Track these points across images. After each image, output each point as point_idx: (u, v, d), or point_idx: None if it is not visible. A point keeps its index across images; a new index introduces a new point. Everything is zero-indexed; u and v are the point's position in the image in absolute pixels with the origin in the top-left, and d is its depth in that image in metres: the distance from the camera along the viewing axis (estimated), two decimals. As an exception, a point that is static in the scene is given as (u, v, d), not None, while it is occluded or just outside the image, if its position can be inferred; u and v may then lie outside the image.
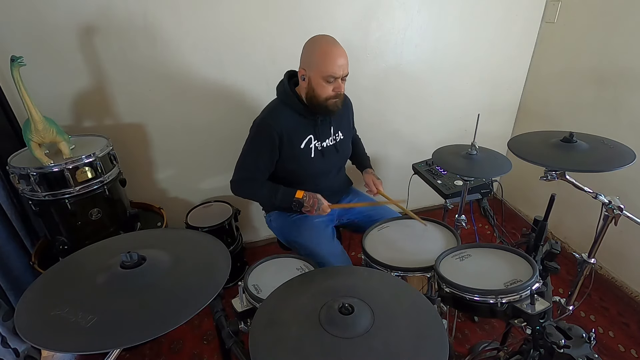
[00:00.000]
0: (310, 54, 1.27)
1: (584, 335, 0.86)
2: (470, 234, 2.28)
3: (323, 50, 1.25)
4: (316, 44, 1.27)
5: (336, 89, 1.29)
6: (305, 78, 1.30)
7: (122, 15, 1.58)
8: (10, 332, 1.32)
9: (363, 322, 0.73)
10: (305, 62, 1.29)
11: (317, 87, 1.29)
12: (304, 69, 1.29)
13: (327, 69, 1.24)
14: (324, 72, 1.25)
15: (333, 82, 1.28)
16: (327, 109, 1.33)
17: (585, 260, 1.28)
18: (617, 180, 1.89)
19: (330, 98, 1.31)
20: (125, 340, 0.67)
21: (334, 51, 1.25)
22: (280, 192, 1.37)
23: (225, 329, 0.89)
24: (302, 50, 1.31)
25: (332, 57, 1.24)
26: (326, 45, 1.26)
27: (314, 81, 1.28)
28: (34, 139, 1.33)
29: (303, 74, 1.30)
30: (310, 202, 1.35)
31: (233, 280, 2.00)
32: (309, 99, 1.33)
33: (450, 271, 1.04)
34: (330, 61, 1.24)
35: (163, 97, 1.78)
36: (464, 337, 1.73)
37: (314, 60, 1.25)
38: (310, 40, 1.30)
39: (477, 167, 1.39)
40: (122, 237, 1.06)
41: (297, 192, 1.36)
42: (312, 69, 1.27)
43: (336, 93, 1.30)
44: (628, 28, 1.80)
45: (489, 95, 2.41)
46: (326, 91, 1.29)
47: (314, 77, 1.27)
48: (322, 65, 1.24)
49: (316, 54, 1.25)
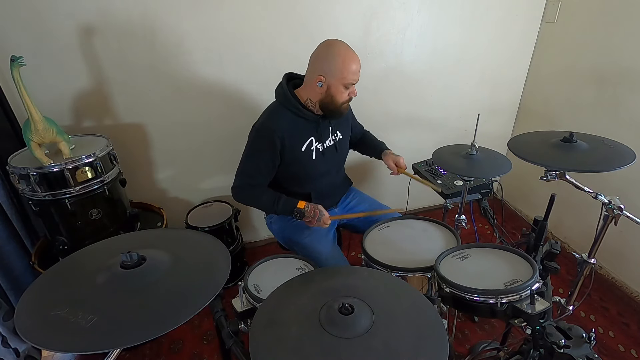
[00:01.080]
0: (329, 61, 1.25)
1: (584, 335, 0.86)
2: (470, 234, 2.28)
3: (344, 58, 1.25)
4: (335, 50, 1.26)
5: (351, 93, 1.32)
6: (323, 85, 1.28)
7: (122, 15, 1.58)
8: (10, 332, 1.32)
9: (363, 322, 0.72)
10: (323, 69, 1.27)
11: (336, 94, 1.29)
12: (322, 75, 1.27)
13: (349, 76, 1.26)
14: (346, 80, 1.26)
15: (350, 87, 1.30)
16: (340, 113, 1.36)
17: (585, 260, 1.28)
18: (617, 180, 1.89)
19: (345, 102, 1.33)
20: (125, 340, 0.67)
21: (354, 58, 1.26)
22: (282, 202, 1.36)
23: (225, 329, 0.89)
24: (317, 56, 1.29)
25: (353, 65, 1.25)
26: (346, 52, 1.26)
27: (334, 88, 1.28)
28: (34, 139, 1.33)
29: (321, 81, 1.28)
30: (312, 213, 1.35)
31: (233, 280, 2.00)
32: (325, 104, 1.32)
33: (450, 271, 1.04)
34: (352, 69, 1.25)
35: (163, 97, 1.78)
36: (464, 337, 1.73)
37: (335, 68, 1.25)
38: (325, 45, 1.28)
39: (477, 167, 1.39)
40: (122, 237, 1.06)
41: (299, 203, 1.35)
42: (333, 76, 1.26)
43: (350, 97, 1.33)
44: (628, 28, 1.80)
45: (489, 95, 2.41)
46: (343, 97, 1.31)
47: (334, 84, 1.27)
48: (345, 72, 1.25)
49: (338, 61, 1.24)
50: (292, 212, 1.35)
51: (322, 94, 1.31)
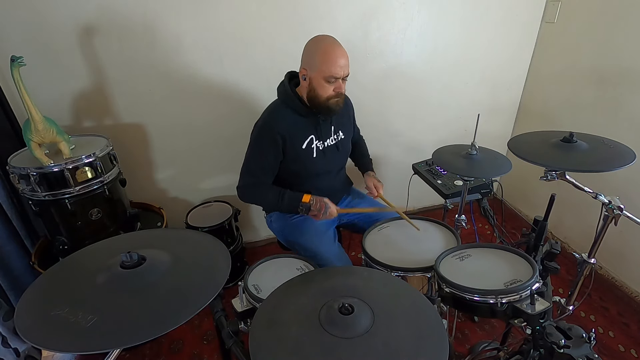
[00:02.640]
0: (311, 55, 1.27)
1: (584, 335, 0.86)
2: (470, 234, 2.28)
3: (324, 51, 1.25)
4: (318, 44, 1.27)
5: (337, 89, 1.29)
6: (307, 78, 1.30)
7: (122, 15, 1.58)
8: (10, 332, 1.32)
9: (363, 322, 0.73)
10: (306, 62, 1.29)
11: (318, 87, 1.29)
12: (305, 69, 1.29)
13: (328, 69, 1.24)
14: (325, 73, 1.25)
15: (334, 82, 1.28)
16: (329, 109, 1.33)
17: (585, 260, 1.28)
18: (617, 180, 1.89)
19: (331, 98, 1.31)
20: (125, 340, 0.67)
21: (335, 52, 1.25)
22: (287, 197, 1.36)
23: (225, 329, 0.89)
24: (303, 51, 1.31)
25: (333, 58, 1.24)
26: (327, 45, 1.26)
27: (315, 81, 1.28)
28: (34, 139, 1.33)
29: (304, 74, 1.30)
30: (317, 206, 1.34)
31: (233, 280, 2.00)
32: (310, 99, 1.33)
33: (450, 271, 1.04)
34: (332, 62, 1.24)
35: (163, 97, 1.78)
36: (464, 337, 1.73)
37: (315, 61, 1.25)
38: (311, 40, 1.30)
39: (477, 167, 1.39)
40: (122, 237, 1.06)
41: (304, 196, 1.35)
42: (313, 69, 1.27)
43: (337, 93, 1.30)
44: (628, 28, 1.80)
45: (489, 95, 2.41)
46: (327, 91, 1.29)
47: (315, 77, 1.27)
48: (323, 65, 1.24)
49: (318, 54, 1.25)
50: (298, 207, 1.35)
51: (307, 88, 1.31)
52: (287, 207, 1.36)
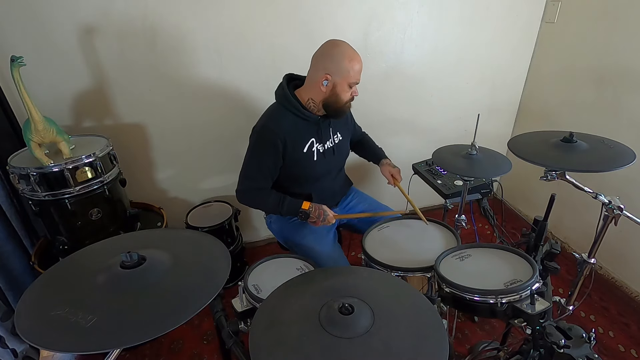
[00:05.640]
0: (338, 61, 1.26)
1: (584, 335, 0.86)
2: (470, 234, 2.28)
3: (351, 58, 1.26)
4: (343, 51, 1.27)
5: (353, 93, 1.33)
6: (329, 83, 1.28)
7: (122, 15, 1.58)
8: (8, 332, 1.32)
9: (363, 322, 0.72)
10: (330, 68, 1.27)
11: (341, 93, 1.30)
12: (329, 74, 1.27)
13: (354, 75, 1.28)
14: (352, 79, 1.28)
15: (353, 87, 1.32)
16: (343, 112, 1.37)
17: (585, 260, 1.28)
18: (617, 180, 1.89)
19: (348, 102, 1.34)
20: (125, 340, 0.67)
21: (357, 58, 1.28)
22: (287, 203, 1.36)
23: (225, 329, 0.89)
24: (323, 55, 1.29)
25: (357, 64, 1.27)
26: (352, 52, 1.28)
27: (340, 87, 1.29)
28: (34, 139, 1.33)
29: (327, 79, 1.28)
30: (316, 213, 1.35)
31: (233, 280, 2.00)
32: (329, 104, 1.32)
33: (450, 271, 1.04)
34: (356, 68, 1.28)
35: (163, 97, 1.78)
36: (464, 337, 1.73)
37: (342, 67, 1.26)
38: (331, 45, 1.29)
39: (477, 167, 1.39)
40: (122, 237, 1.06)
41: (304, 204, 1.35)
42: (339, 75, 1.27)
43: (352, 97, 1.34)
44: (628, 28, 1.80)
45: (489, 95, 2.41)
46: (347, 96, 1.32)
47: (340, 83, 1.28)
48: (351, 71, 1.26)
49: (345, 60, 1.25)
50: (297, 213, 1.35)
51: (326, 93, 1.31)
52: (287, 212, 1.37)
